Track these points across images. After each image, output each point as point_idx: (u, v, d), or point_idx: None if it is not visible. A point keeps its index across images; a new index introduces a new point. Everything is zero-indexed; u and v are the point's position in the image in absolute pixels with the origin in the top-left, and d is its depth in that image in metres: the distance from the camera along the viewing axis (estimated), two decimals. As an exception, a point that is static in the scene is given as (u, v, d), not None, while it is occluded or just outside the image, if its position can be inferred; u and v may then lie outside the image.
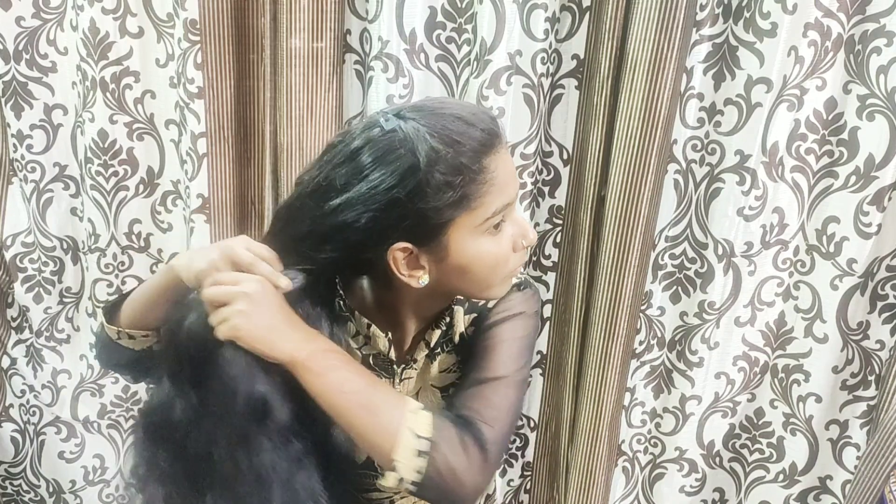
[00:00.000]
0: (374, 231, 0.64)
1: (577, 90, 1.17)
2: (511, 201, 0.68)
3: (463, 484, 0.65)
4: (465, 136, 0.63)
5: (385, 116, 0.65)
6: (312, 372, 0.64)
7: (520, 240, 0.71)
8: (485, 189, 0.65)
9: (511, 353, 0.75)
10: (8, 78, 1.26)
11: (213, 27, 1.16)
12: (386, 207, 0.63)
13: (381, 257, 0.67)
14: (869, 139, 1.07)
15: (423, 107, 0.66)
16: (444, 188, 0.63)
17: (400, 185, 0.62)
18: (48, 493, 1.55)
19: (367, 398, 0.65)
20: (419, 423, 0.65)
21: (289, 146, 1.20)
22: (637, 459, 1.37)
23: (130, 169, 1.31)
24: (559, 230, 1.25)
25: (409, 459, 0.63)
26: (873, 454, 1.13)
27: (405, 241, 0.65)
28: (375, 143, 0.64)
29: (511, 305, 0.78)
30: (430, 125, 0.63)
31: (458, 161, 0.63)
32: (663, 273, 1.24)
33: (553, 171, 1.22)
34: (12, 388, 1.48)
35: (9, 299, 1.41)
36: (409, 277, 0.68)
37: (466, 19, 1.14)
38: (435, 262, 0.68)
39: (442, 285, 0.70)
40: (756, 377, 1.27)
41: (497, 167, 0.65)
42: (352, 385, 0.65)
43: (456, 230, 0.66)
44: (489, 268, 0.69)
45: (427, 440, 0.64)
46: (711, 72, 1.11)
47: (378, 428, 0.64)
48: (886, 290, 1.14)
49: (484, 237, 0.67)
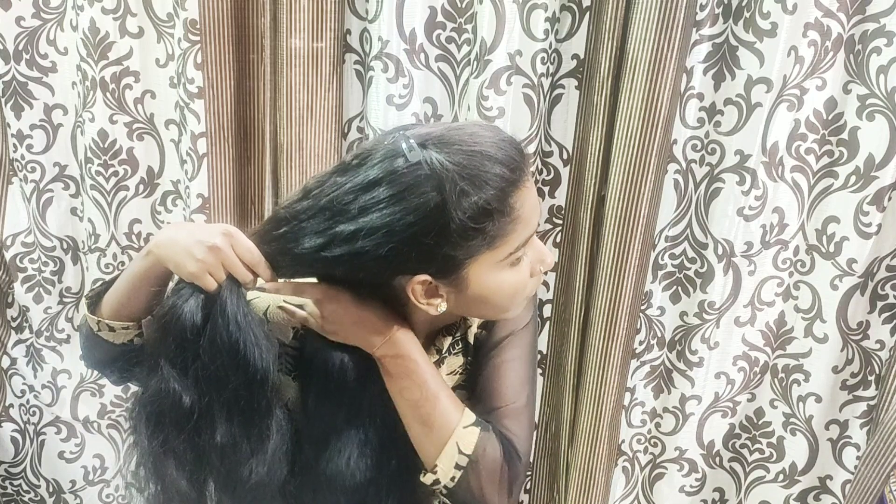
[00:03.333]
0: (394, 262, 0.63)
1: (577, 90, 1.17)
2: (532, 233, 0.67)
3: (486, 501, 0.70)
4: (493, 175, 0.61)
5: (408, 144, 0.61)
6: (383, 369, 0.70)
7: (538, 265, 0.70)
8: (510, 228, 0.63)
9: (521, 374, 0.78)
10: (8, 78, 1.26)
11: (213, 27, 1.16)
12: (408, 243, 0.61)
13: (399, 283, 0.66)
14: (869, 139, 1.07)
15: (451, 139, 0.62)
16: (472, 231, 0.61)
17: (424, 224, 0.60)
18: (48, 493, 1.55)
19: (425, 411, 0.69)
20: (467, 439, 0.69)
21: (289, 146, 1.20)
22: (637, 459, 1.37)
23: (130, 169, 1.31)
24: (559, 230, 1.25)
25: (448, 470, 0.68)
26: (873, 454, 1.13)
27: (425, 274, 0.64)
28: (398, 176, 0.60)
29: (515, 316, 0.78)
30: (459, 163, 0.60)
31: (488, 205, 0.61)
32: (663, 273, 1.24)
33: (553, 171, 1.22)
34: (12, 388, 1.48)
35: (9, 299, 1.41)
36: (426, 305, 0.67)
37: (466, 19, 1.14)
38: (454, 293, 0.67)
39: (459, 311, 0.71)
40: (756, 377, 1.27)
41: (523, 203, 0.64)
42: (411, 394, 0.69)
43: (478, 265, 0.64)
44: (509, 296, 0.69)
45: (468, 457, 0.68)
46: (711, 72, 1.11)
47: (429, 438, 0.69)
48: (886, 290, 1.14)
49: (505, 270, 0.67)
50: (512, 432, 0.74)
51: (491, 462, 0.70)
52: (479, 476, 0.69)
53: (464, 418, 0.70)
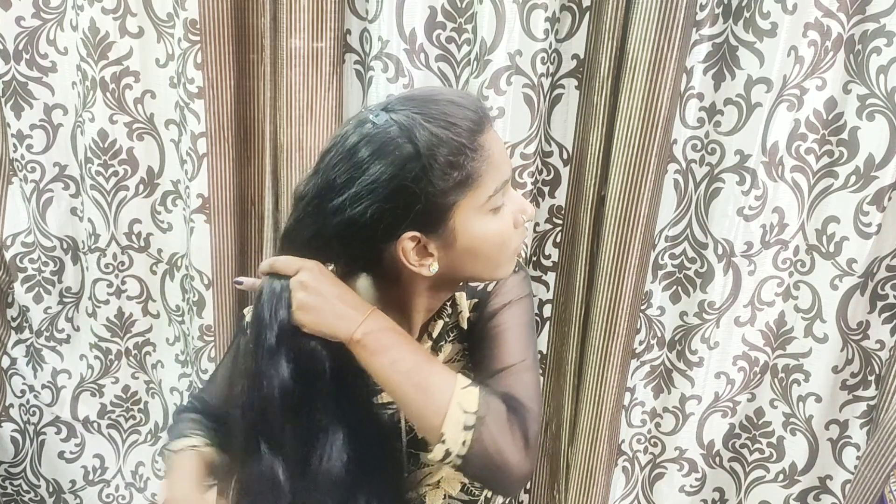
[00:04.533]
0: (382, 223, 0.65)
1: (577, 90, 1.17)
2: (507, 178, 0.70)
3: (508, 463, 0.66)
4: (459, 117, 0.65)
5: (373, 112, 0.66)
6: (367, 350, 0.67)
7: (520, 215, 0.72)
8: (484, 167, 0.66)
9: (521, 338, 0.77)
10: (8, 78, 1.26)
11: (213, 27, 1.16)
12: (392, 197, 0.64)
13: (389, 251, 0.68)
14: (869, 139, 1.07)
15: (413, 96, 0.68)
16: (449, 169, 0.64)
17: (403, 173, 0.63)
18: (48, 493, 1.55)
19: (420, 377, 0.67)
20: (468, 399, 0.66)
21: (289, 146, 1.20)
22: (637, 459, 1.37)
23: (130, 169, 1.31)
24: (559, 230, 1.25)
25: (456, 433, 0.65)
26: (873, 454, 1.13)
27: (413, 230, 0.66)
28: (371, 137, 0.65)
29: (509, 289, 0.79)
30: (424, 112, 0.65)
31: (458, 141, 0.64)
32: (663, 273, 1.24)
33: (553, 171, 1.22)
34: (12, 388, 1.48)
35: (9, 299, 1.41)
36: (419, 266, 0.69)
37: (466, 19, 1.14)
38: (443, 249, 0.69)
39: (451, 271, 0.71)
40: (756, 377, 1.27)
41: (491, 145, 0.67)
42: (405, 364, 0.67)
43: (461, 213, 0.67)
44: (496, 247, 0.71)
45: (474, 415, 0.65)
46: (711, 72, 1.11)
47: (428, 405, 0.66)
48: (886, 290, 1.14)
49: (487, 217, 0.69)
50: (513, 388, 0.71)
51: (497, 415, 0.67)
52: (491, 432, 0.65)
53: (459, 380, 0.68)
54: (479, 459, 0.65)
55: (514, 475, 0.66)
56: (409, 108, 0.65)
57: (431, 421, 0.66)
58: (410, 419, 0.70)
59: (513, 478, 0.67)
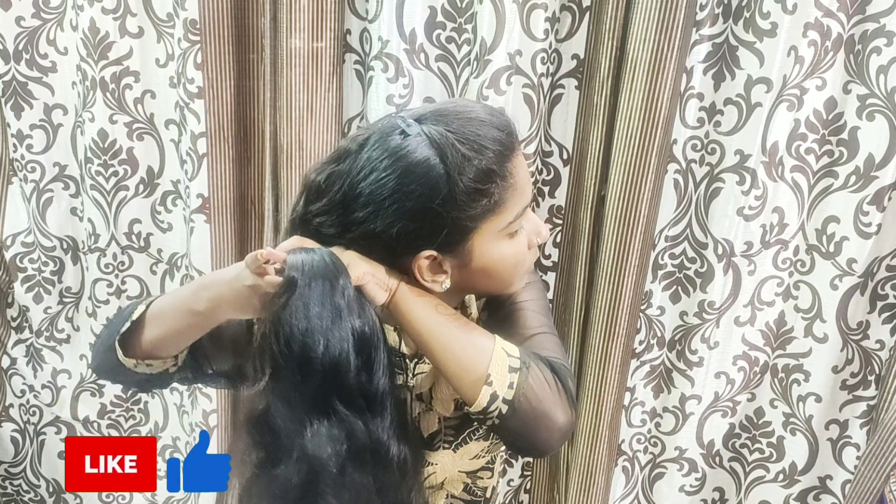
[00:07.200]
0: (404, 240, 0.64)
1: (577, 90, 1.17)
2: (529, 204, 0.69)
3: (552, 412, 0.64)
4: (490, 139, 0.64)
5: (406, 122, 0.65)
6: (412, 294, 0.66)
7: (534, 237, 0.72)
8: (508, 194, 0.66)
9: (539, 311, 0.76)
10: (8, 78, 1.26)
11: (213, 27, 1.16)
12: (418, 217, 0.63)
13: (404, 263, 0.67)
14: (869, 139, 1.07)
15: (446, 111, 0.66)
16: (477, 195, 0.63)
17: (432, 194, 0.62)
18: (48, 493, 1.55)
19: (462, 321, 0.67)
20: (510, 346, 0.66)
21: (289, 146, 1.20)
22: (637, 459, 1.37)
23: (130, 169, 1.31)
24: (559, 230, 1.25)
25: (503, 374, 0.63)
26: (873, 454, 1.13)
27: (432, 249, 0.66)
28: (402, 151, 0.63)
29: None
30: (458, 131, 0.63)
31: (489, 168, 0.63)
32: (663, 273, 1.24)
33: (553, 171, 1.22)
34: (12, 388, 1.48)
35: (9, 299, 1.41)
36: (431, 283, 0.68)
37: (466, 19, 1.14)
38: (458, 267, 0.69)
39: (462, 287, 0.71)
40: (756, 377, 1.27)
41: (518, 170, 0.66)
42: (448, 309, 0.67)
43: (480, 235, 0.66)
44: (510, 267, 0.71)
45: (518, 359, 0.64)
46: (711, 72, 1.11)
47: (474, 346, 0.65)
48: (886, 289, 1.14)
49: (505, 240, 0.68)
50: (544, 350, 0.70)
51: (539, 364, 0.65)
52: (536, 377, 0.63)
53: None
54: (524, 405, 0.63)
55: (558, 425, 0.64)
56: (442, 124, 0.64)
57: (477, 362, 0.63)
58: (451, 367, 0.65)
59: (556, 428, 0.64)
